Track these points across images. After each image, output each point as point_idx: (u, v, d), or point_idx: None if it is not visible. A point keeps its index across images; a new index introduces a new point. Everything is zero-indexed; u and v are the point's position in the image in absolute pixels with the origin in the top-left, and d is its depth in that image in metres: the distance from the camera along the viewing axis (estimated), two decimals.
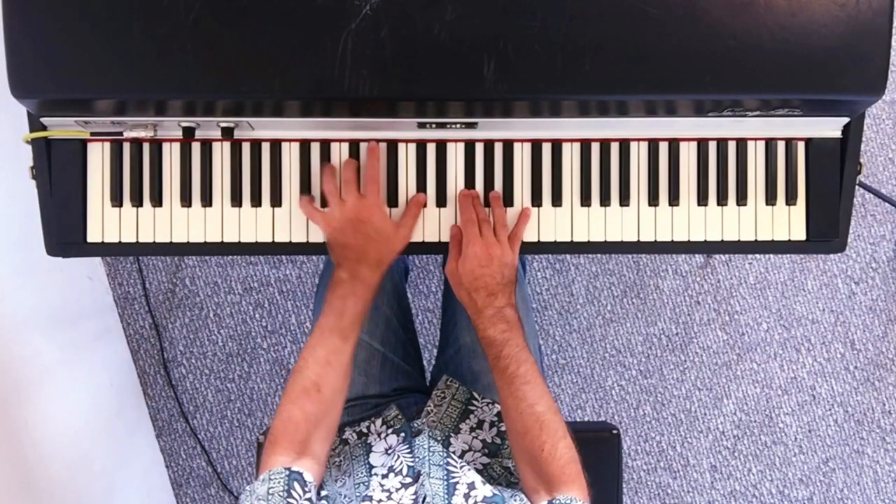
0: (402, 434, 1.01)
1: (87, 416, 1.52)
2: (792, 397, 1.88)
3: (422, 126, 1.01)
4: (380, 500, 0.85)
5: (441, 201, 1.06)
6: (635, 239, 1.07)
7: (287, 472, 0.84)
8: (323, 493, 0.90)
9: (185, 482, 1.84)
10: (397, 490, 0.88)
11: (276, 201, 1.05)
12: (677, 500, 1.89)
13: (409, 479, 0.89)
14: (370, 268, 0.98)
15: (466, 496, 0.85)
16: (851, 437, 1.89)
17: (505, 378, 0.95)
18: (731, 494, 1.89)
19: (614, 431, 1.28)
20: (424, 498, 0.85)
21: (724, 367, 1.87)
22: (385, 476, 0.91)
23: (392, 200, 1.06)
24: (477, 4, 0.88)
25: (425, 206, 1.05)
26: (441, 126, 1.01)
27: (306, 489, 0.84)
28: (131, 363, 1.80)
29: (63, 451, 1.38)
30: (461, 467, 0.91)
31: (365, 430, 1.09)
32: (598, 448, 1.27)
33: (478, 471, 1.01)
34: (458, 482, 0.88)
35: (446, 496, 0.86)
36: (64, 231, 1.03)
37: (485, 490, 0.86)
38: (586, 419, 1.87)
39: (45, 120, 0.99)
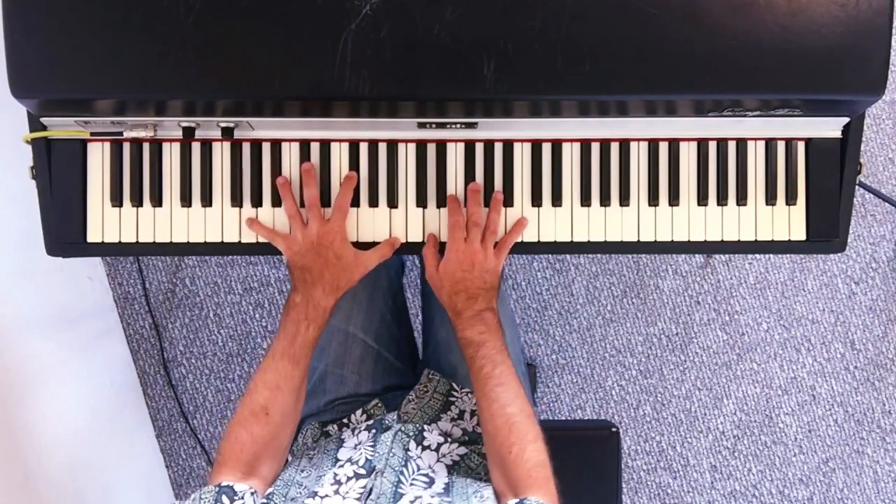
0: (373, 431, 1.02)
1: (87, 416, 1.52)
2: (792, 397, 1.88)
3: (422, 126, 1.01)
4: (325, 496, 0.85)
5: (441, 201, 1.06)
6: (635, 239, 1.06)
7: (216, 489, 0.84)
8: (270, 489, 0.90)
9: (185, 482, 1.84)
10: (347, 480, 0.87)
11: (277, 201, 1.05)
12: (677, 500, 1.89)
13: (363, 471, 0.89)
14: (325, 292, 0.98)
15: (412, 502, 0.85)
16: (851, 437, 1.89)
17: (479, 379, 0.95)
18: (731, 494, 1.89)
19: (613, 430, 1.28)
20: (371, 491, 0.85)
21: (724, 367, 1.87)
22: (342, 466, 0.91)
23: (392, 201, 1.06)
24: (477, 4, 0.88)
25: (398, 248, 1.05)
26: (441, 126, 1.01)
27: (235, 497, 0.84)
28: (131, 363, 1.80)
29: (63, 452, 1.38)
30: (412, 483, 0.91)
31: (346, 422, 1.10)
32: (598, 447, 1.27)
33: (454, 462, 1.01)
34: (404, 494, 0.87)
35: (392, 499, 0.85)
36: (64, 231, 1.03)
37: (433, 502, 0.86)
38: (586, 419, 1.87)
39: (45, 120, 0.99)
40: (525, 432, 0.90)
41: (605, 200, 1.06)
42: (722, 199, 1.06)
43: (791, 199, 1.06)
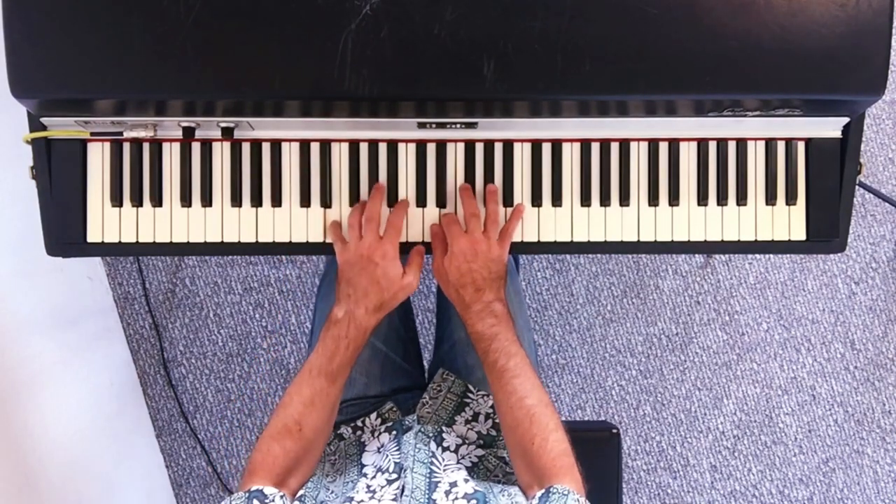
0: (394, 432, 1.02)
1: (87, 417, 1.52)
2: (792, 397, 1.88)
3: (422, 126, 1.01)
4: (361, 501, 0.85)
5: (441, 201, 1.06)
6: (635, 239, 1.06)
7: (246, 494, 0.84)
8: (301, 491, 0.90)
9: (185, 482, 1.84)
10: (382, 488, 0.88)
11: (277, 201, 1.05)
12: (677, 500, 1.89)
13: (394, 476, 0.89)
14: (368, 312, 0.97)
15: (447, 492, 0.85)
16: (851, 437, 1.89)
17: (494, 372, 0.95)
18: (731, 494, 1.89)
19: (614, 431, 1.28)
20: (403, 489, 0.85)
21: (724, 367, 1.87)
22: (373, 477, 0.92)
23: (392, 200, 1.05)
24: (477, 4, 0.88)
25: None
26: (441, 126, 1.01)
27: (266, 500, 0.84)
28: (131, 363, 1.80)
29: (63, 452, 1.38)
30: (445, 469, 0.91)
31: (360, 425, 1.10)
32: (598, 448, 1.27)
33: (473, 464, 1.02)
34: (440, 481, 0.88)
35: (427, 491, 0.86)
36: (64, 231, 1.03)
37: (467, 487, 0.86)
38: (586, 419, 1.87)
39: (45, 120, 0.99)
40: (546, 423, 0.90)
41: (605, 200, 1.06)
42: (722, 199, 1.06)
43: (791, 199, 1.06)
